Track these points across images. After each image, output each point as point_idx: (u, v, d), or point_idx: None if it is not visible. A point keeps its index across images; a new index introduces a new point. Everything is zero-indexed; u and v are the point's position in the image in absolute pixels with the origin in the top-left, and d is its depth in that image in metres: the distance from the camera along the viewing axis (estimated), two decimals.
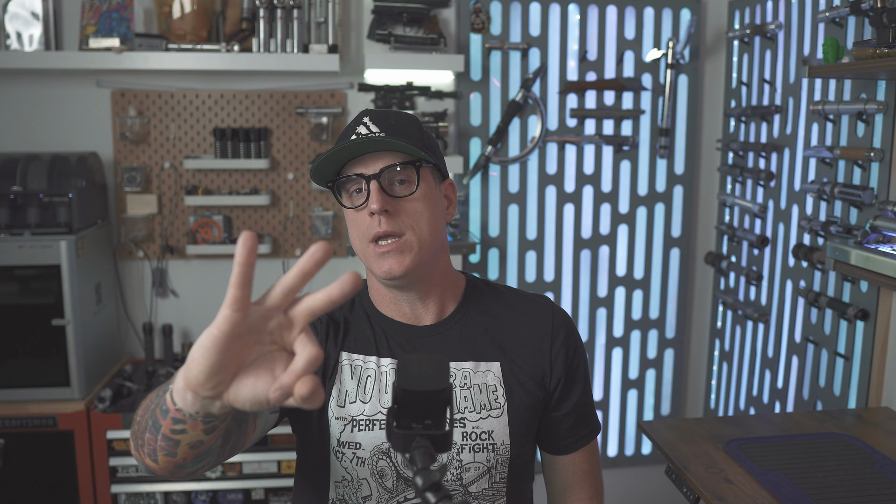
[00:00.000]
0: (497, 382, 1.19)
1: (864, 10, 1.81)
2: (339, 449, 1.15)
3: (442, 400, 0.74)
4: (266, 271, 2.73)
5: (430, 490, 0.68)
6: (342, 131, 1.19)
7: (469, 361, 1.19)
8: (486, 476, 1.17)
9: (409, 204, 1.13)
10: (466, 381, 1.18)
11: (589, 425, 1.28)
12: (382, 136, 1.11)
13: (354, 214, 1.14)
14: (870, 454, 1.56)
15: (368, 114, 1.16)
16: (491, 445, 1.16)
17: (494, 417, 1.17)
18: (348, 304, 1.24)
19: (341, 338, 1.20)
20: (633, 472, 2.91)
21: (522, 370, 1.20)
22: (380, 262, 1.12)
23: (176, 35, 2.45)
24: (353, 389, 1.16)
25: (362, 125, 1.14)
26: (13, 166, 2.31)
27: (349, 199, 1.15)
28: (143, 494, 2.34)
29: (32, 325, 2.27)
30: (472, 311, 1.23)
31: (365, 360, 1.18)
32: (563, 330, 1.24)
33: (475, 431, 1.16)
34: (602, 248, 2.77)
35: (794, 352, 2.32)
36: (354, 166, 1.13)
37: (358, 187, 1.13)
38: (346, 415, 1.15)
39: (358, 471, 1.15)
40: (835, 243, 1.87)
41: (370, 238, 1.12)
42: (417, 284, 1.18)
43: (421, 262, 1.14)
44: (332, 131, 2.65)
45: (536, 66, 2.62)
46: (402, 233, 1.12)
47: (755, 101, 2.51)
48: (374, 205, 1.09)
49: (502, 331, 1.22)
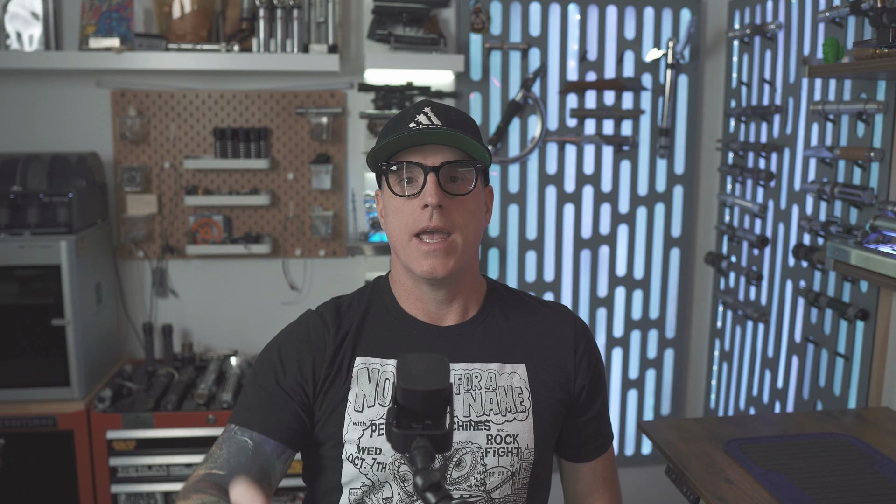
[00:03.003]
0: (523, 385, 1.17)
1: (864, 10, 1.81)
2: (357, 455, 1.12)
3: (442, 400, 0.74)
4: (266, 271, 2.74)
5: (430, 490, 0.67)
6: (395, 116, 1.16)
7: (495, 363, 1.17)
8: (509, 482, 1.14)
9: (462, 203, 1.11)
10: (492, 383, 1.16)
11: (607, 433, 1.29)
12: (452, 130, 1.08)
13: (401, 203, 1.11)
14: (870, 454, 1.56)
15: (430, 104, 1.14)
16: (516, 449, 1.14)
17: (520, 421, 1.15)
18: (366, 303, 1.21)
19: (355, 343, 1.17)
20: (633, 472, 2.91)
21: (547, 373, 1.19)
22: (422, 260, 1.10)
23: (176, 35, 2.45)
24: (371, 393, 1.13)
25: (423, 115, 1.11)
26: (13, 166, 2.31)
27: (399, 186, 1.12)
28: (143, 494, 2.34)
29: (32, 325, 2.27)
30: (494, 313, 1.22)
31: (382, 364, 1.16)
32: (585, 338, 1.24)
33: (500, 434, 1.14)
34: (602, 248, 2.77)
35: (794, 352, 2.32)
36: (412, 154, 1.10)
37: (410, 176, 1.11)
38: (364, 419, 1.12)
39: (379, 476, 1.12)
40: (835, 243, 1.87)
41: (415, 230, 1.10)
42: (449, 284, 1.16)
43: (462, 265, 1.13)
44: (332, 131, 2.65)
45: (536, 66, 2.61)
46: (451, 231, 1.10)
47: (755, 101, 2.51)
48: (432, 198, 1.07)
49: (525, 335, 1.21)
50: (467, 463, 1.12)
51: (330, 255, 2.73)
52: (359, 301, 1.22)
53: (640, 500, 2.91)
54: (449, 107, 1.16)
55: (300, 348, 1.16)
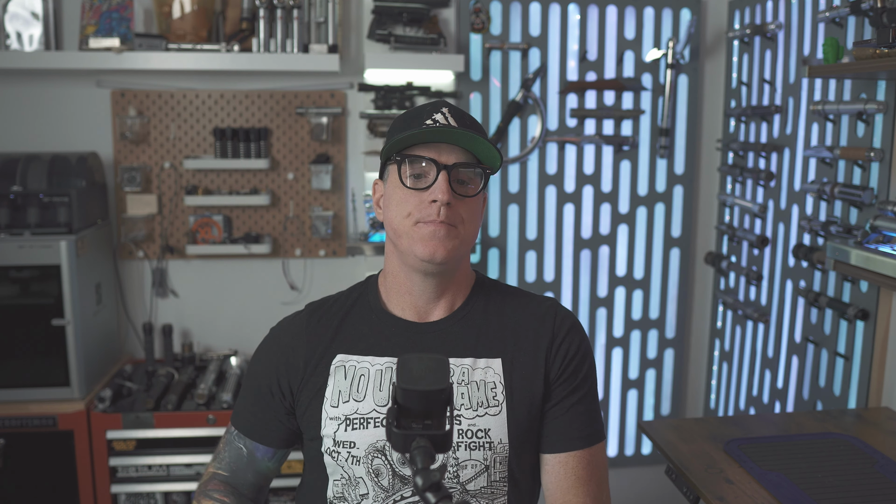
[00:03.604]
0: (497, 380, 1.19)
1: (864, 10, 1.81)
2: (334, 448, 1.16)
3: (442, 400, 0.74)
4: (266, 271, 2.74)
5: (431, 490, 0.68)
6: (410, 110, 1.21)
7: (468, 358, 1.20)
8: (483, 474, 1.16)
9: (468, 204, 1.17)
10: (464, 378, 1.18)
11: (586, 429, 1.21)
12: (470, 132, 1.13)
13: (407, 193, 1.15)
14: (870, 454, 1.56)
15: (447, 105, 1.19)
16: (488, 443, 1.16)
17: (492, 415, 1.17)
18: (352, 301, 1.26)
19: (332, 341, 1.22)
20: (633, 472, 2.91)
21: (524, 367, 1.20)
22: (426, 242, 1.14)
23: (176, 35, 2.45)
24: (347, 389, 1.18)
25: (441, 114, 1.16)
26: (13, 166, 2.31)
27: (411, 178, 1.16)
28: (143, 494, 2.34)
29: (32, 325, 2.27)
30: (476, 308, 1.25)
31: (360, 361, 1.20)
32: (567, 331, 1.23)
33: (471, 429, 1.16)
34: (602, 248, 2.77)
35: (794, 352, 2.32)
36: (427, 150, 1.15)
37: (421, 171, 1.15)
38: (339, 414, 1.17)
39: (354, 469, 1.16)
40: (835, 243, 1.87)
41: (418, 219, 1.14)
42: (441, 276, 1.20)
43: (458, 256, 1.18)
44: (331, 131, 2.65)
45: (536, 66, 2.61)
46: (455, 225, 1.15)
47: (755, 101, 2.51)
48: (443, 195, 1.12)
49: (504, 329, 1.23)
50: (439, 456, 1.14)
51: (330, 255, 2.73)
52: (345, 299, 1.28)
53: (640, 500, 2.91)
54: (464, 111, 1.21)
55: (272, 358, 1.25)
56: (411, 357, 0.76)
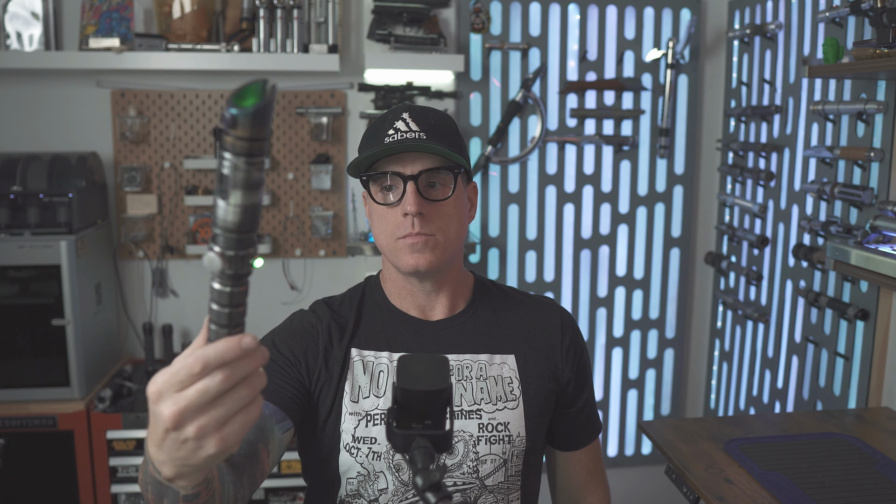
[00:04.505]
0: (512, 374, 1.21)
1: (864, 10, 1.81)
2: (353, 445, 1.15)
3: (442, 400, 0.74)
4: (266, 271, 2.73)
5: (431, 490, 0.68)
6: (375, 121, 1.19)
7: (485, 354, 1.22)
8: (502, 469, 1.18)
9: (442, 208, 1.15)
10: (482, 373, 1.20)
11: (594, 423, 1.33)
12: (425, 140, 1.12)
13: (384, 210, 1.15)
14: (870, 454, 1.56)
15: (408, 109, 1.17)
16: (507, 437, 1.18)
17: (510, 409, 1.19)
18: (358, 300, 1.26)
19: (349, 336, 1.21)
20: (633, 472, 2.91)
21: (536, 363, 1.23)
22: (407, 256, 1.14)
23: (176, 35, 2.45)
24: (367, 385, 1.17)
25: (401, 121, 1.15)
26: (13, 166, 2.31)
27: (381, 194, 1.16)
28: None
29: (32, 325, 2.27)
30: (483, 307, 1.26)
31: (377, 356, 1.20)
32: (571, 330, 1.29)
33: (491, 423, 1.17)
34: (602, 248, 2.77)
35: (794, 352, 2.32)
36: (391, 163, 1.14)
37: (390, 184, 1.14)
38: (360, 410, 1.16)
39: (374, 465, 1.15)
40: (835, 243, 1.87)
41: (397, 235, 1.14)
42: (434, 276, 1.20)
43: (444, 261, 1.17)
44: (331, 131, 2.65)
45: (536, 66, 2.61)
46: (433, 234, 1.14)
47: (755, 101, 2.51)
48: (411, 207, 1.11)
49: (514, 326, 1.25)
50: (460, 451, 1.16)
51: (330, 255, 2.73)
52: (350, 299, 1.27)
53: (641, 500, 2.91)
54: (427, 109, 1.18)
55: (293, 337, 1.19)
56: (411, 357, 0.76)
